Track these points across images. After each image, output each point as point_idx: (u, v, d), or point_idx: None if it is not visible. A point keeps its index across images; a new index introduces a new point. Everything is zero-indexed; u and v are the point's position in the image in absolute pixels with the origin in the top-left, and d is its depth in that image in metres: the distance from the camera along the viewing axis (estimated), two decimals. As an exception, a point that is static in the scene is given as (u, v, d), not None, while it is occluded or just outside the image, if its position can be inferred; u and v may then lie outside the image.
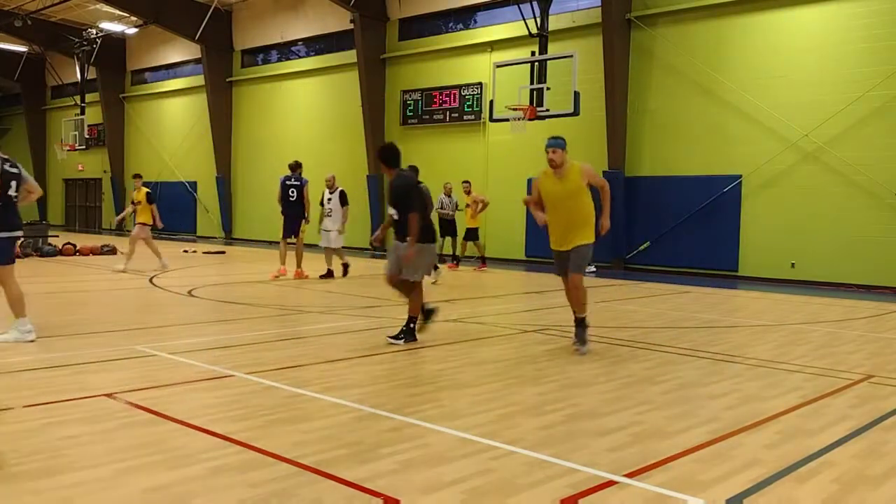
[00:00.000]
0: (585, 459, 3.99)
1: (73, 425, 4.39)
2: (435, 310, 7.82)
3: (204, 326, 8.55)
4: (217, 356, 6.58)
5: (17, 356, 6.32)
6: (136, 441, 4.13)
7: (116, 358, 6.35)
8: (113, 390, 5.19)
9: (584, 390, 5.63)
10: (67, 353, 6.53)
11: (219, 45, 26.45)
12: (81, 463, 3.77)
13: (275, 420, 4.63)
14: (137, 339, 7.28)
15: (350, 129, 22.95)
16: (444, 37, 21.25)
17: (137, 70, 31.38)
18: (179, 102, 29.55)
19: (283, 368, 6.13)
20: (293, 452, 3.97)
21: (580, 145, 18.33)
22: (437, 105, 21.04)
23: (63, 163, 33.73)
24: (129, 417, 4.61)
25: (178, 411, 4.71)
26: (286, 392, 5.31)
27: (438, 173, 21.24)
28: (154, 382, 5.54)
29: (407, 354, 6.95)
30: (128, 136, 31.88)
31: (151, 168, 30.51)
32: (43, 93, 36.36)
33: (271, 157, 25.77)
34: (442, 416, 4.79)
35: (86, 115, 30.81)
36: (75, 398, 5.01)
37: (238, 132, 27.11)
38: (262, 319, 8.95)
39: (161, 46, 29.63)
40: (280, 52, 25.89)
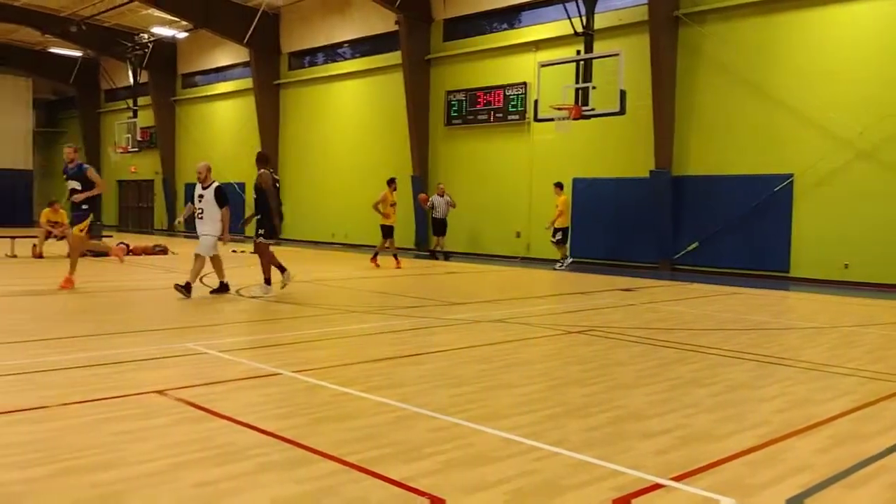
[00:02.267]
0: (631, 462, 3.95)
1: (125, 421, 4.51)
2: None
3: (252, 325, 8.69)
4: (264, 354, 6.68)
5: (71, 353, 6.51)
6: (187, 437, 4.22)
7: (168, 356, 6.50)
8: (164, 387, 5.31)
9: (629, 392, 5.58)
10: (121, 350, 6.70)
11: (266, 48, 26.83)
12: (134, 458, 3.87)
13: (320, 418, 4.68)
14: (188, 337, 7.43)
15: (395, 130, 23.08)
16: (488, 37, 21.22)
17: (188, 73, 32.00)
18: (228, 105, 30.05)
19: (329, 367, 6.19)
20: (338, 450, 4.01)
21: (626, 144, 18.16)
22: (481, 105, 21.03)
23: (116, 165, 34.57)
24: (179, 414, 4.71)
25: (227, 408, 4.80)
26: (331, 391, 5.37)
27: (482, 174, 21.25)
28: (204, 380, 5.65)
29: (451, 355, 6.97)
30: (178, 139, 32.53)
31: (200, 170, 31.11)
32: (97, 96, 37.32)
33: (318, 158, 26.06)
34: (486, 416, 4.79)
35: (138, 118, 31.53)
36: (128, 394, 5.14)
37: (285, 134, 27.47)
38: (308, 319, 9.06)
39: (210, 50, 30.17)
40: (326, 55, 26.15)
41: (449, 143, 22.09)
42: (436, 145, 22.36)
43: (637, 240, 18.09)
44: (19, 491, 3.38)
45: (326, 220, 25.67)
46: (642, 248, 18.00)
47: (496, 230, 20.82)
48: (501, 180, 20.65)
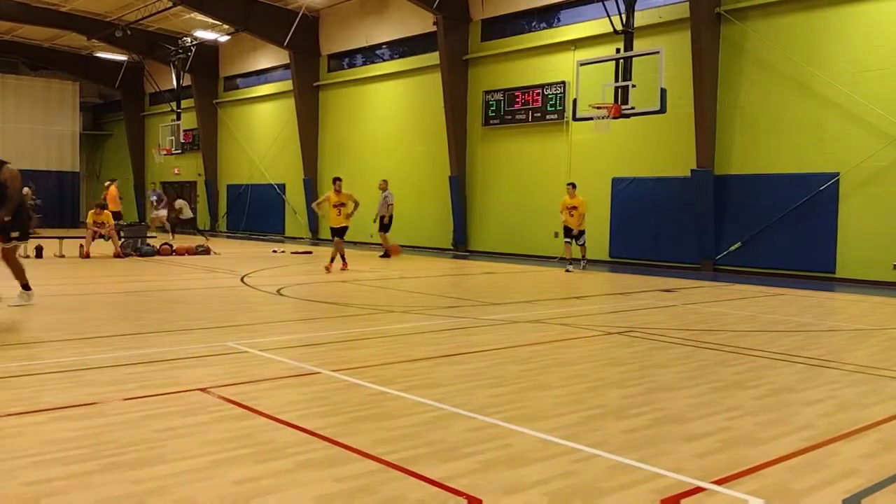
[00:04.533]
0: (672, 464, 3.90)
1: (168, 418, 4.58)
2: None
3: (292, 324, 8.78)
4: (304, 353, 6.74)
5: (116, 351, 6.64)
6: (228, 434, 4.28)
7: (210, 354, 6.59)
8: (206, 385, 5.39)
9: (670, 394, 5.51)
10: (164, 348, 6.82)
11: (306, 50, 27.09)
12: (176, 454, 3.93)
13: (359, 417, 4.71)
14: (229, 335, 7.53)
15: (433, 131, 23.12)
16: (526, 36, 21.15)
17: (229, 76, 32.46)
18: (269, 107, 30.40)
19: (367, 366, 6.22)
20: (377, 449, 4.03)
21: (667, 143, 17.94)
22: (519, 105, 20.96)
23: (160, 166, 35.21)
24: (221, 411, 4.78)
25: (268, 406, 4.85)
26: (370, 390, 5.40)
27: (520, 174, 21.18)
28: (245, 378, 5.72)
29: (489, 355, 6.95)
30: (220, 141, 33.01)
31: (242, 171, 31.50)
32: (141, 99, 38.06)
33: (356, 159, 26.22)
34: (524, 417, 4.77)
35: (181, 121, 32.07)
36: (171, 392, 5.23)
37: (324, 135, 27.70)
38: (347, 318, 9.12)
39: (252, 53, 30.55)
40: (365, 56, 26.31)
41: (487, 143, 22.07)
42: (473, 146, 22.35)
43: (678, 240, 17.86)
44: (65, 486, 3.46)
45: (365, 220, 25.81)
46: (683, 248, 17.76)
47: (534, 230, 20.73)
48: (539, 180, 20.56)
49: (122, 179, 37.29)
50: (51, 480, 3.51)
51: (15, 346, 6.90)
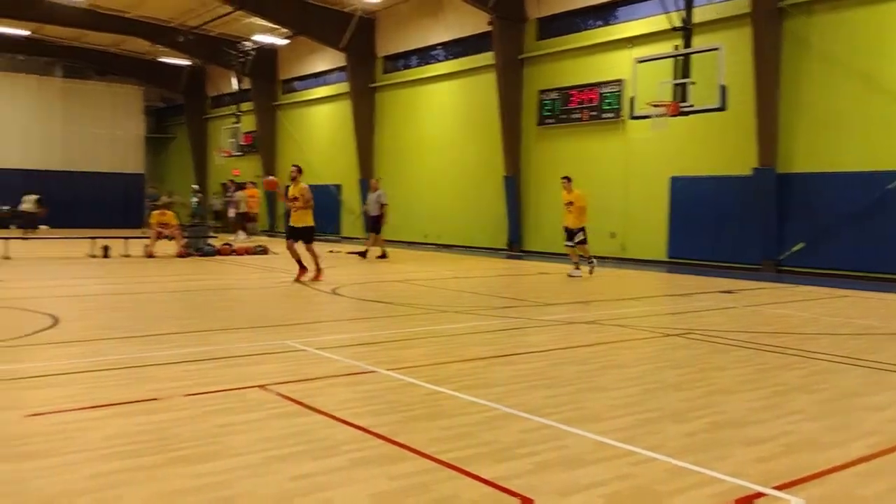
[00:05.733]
0: (731, 469, 3.81)
1: (228, 414, 4.68)
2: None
3: (348, 324, 8.87)
4: (359, 352, 6.81)
5: (178, 348, 6.81)
6: (285, 431, 4.35)
7: (268, 352, 6.71)
8: (265, 382, 5.48)
9: (730, 397, 5.39)
10: (224, 346, 6.97)
11: (362, 52, 27.35)
12: (235, 450, 4.01)
13: (414, 416, 4.73)
14: (287, 334, 7.65)
15: (487, 131, 23.09)
16: (582, 34, 20.95)
17: (287, 79, 32.98)
18: (326, 109, 30.79)
19: (421, 366, 6.25)
20: (431, 448, 4.04)
21: (728, 141, 17.55)
22: (574, 104, 20.77)
23: (220, 168, 35.97)
24: (278, 408, 4.85)
25: (324, 404, 4.91)
26: (424, 389, 5.42)
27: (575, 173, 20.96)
28: (302, 376, 5.80)
29: (544, 356, 6.91)
30: (279, 142, 33.57)
31: (300, 172, 31.96)
32: (203, 103, 38.95)
33: (411, 160, 26.36)
34: (579, 418, 4.72)
35: (241, 123, 32.72)
36: (231, 388, 5.34)
37: (380, 136, 27.92)
38: (402, 318, 9.17)
39: (309, 56, 30.98)
40: (420, 57, 26.43)
41: (542, 142, 21.94)
42: (528, 145, 22.25)
43: (738, 240, 17.45)
44: (128, 479, 3.56)
45: (420, 220, 25.92)
46: (744, 248, 17.34)
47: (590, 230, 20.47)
48: (595, 180, 20.33)
49: (185, 181, 38.27)
50: (114, 473, 3.62)
51: (80, 343, 7.13)
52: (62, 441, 4.11)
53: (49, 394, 5.22)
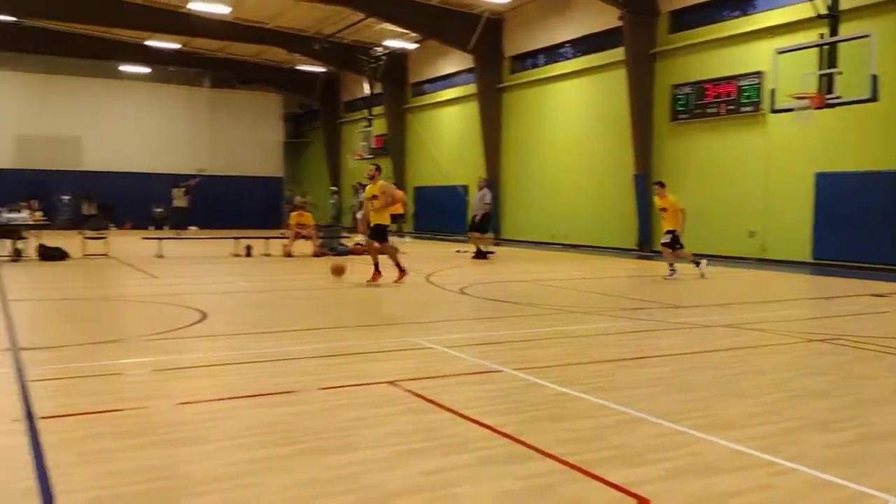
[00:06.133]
0: (883, 484, 3.55)
1: (359, 408, 4.83)
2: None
3: (474, 323, 8.94)
4: (486, 351, 6.84)
5: (313, 343, 7.09)
6: (414, 426, 4.44)
7: (397, 349, 6.87)
8: (394, 378, 5.61)
9: (881, 408, 5.02)
10: (356, 342, 7.19)
11: (490, 53, 27.47)
12: (366, 443, 4.13)
13: (540, 416, 4.71)
14: (416, 332, 7.80)
15: (616, 128, 22.61)
16: (718, 26, 20.11)
17: (417, 82, 33.61)
18: (453, 111, 31.15)
19: (548, 366, 6.20)
20: (557, 449, 4.00)
21: (878, 134, 16.34)
22: (710, 98, 19.97)
23: (352, 170, 37.14)
24: (407, 404, 4.96)
25: (451, 401, 4.97)
26: (551, 390, 5.38)
27: (711, 170, 20.19)
28: (430, 373, 5.90)
29: (677, 359, 6.69)
30: (408, 145, 34.28)
31: (428, 174, 32.49)
32: (337, 108, 40.36)
33: (538, 160, 26.21)
34: (714, 425, 4.54)
35: (372, 127, 33.64)
36: (362, 384, 5.50)
37: (506, 136, 27.94)
38: (529, 318, 9.14)
39: (438, 59, 31.44)
40: (547, 56, 26.23)
41: (674, 139, 21.24)
42: (660, 142, 21.60)
43: (891, 240, 16.21)
44: (268, 467, 3.74)
45: (547, 220, 25.74)
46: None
47: (727, 230, 19.67)
48: (733, 176, 19.48)
49: (320, 184, 39.79)
50: (254, 461, 3.81)
51: (225, 337, 7.57)
52: (208, 429, 4.37)
53: (197, 384, 5.57)
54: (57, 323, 8.74)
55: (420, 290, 12.13)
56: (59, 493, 3.33)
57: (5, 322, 8.13)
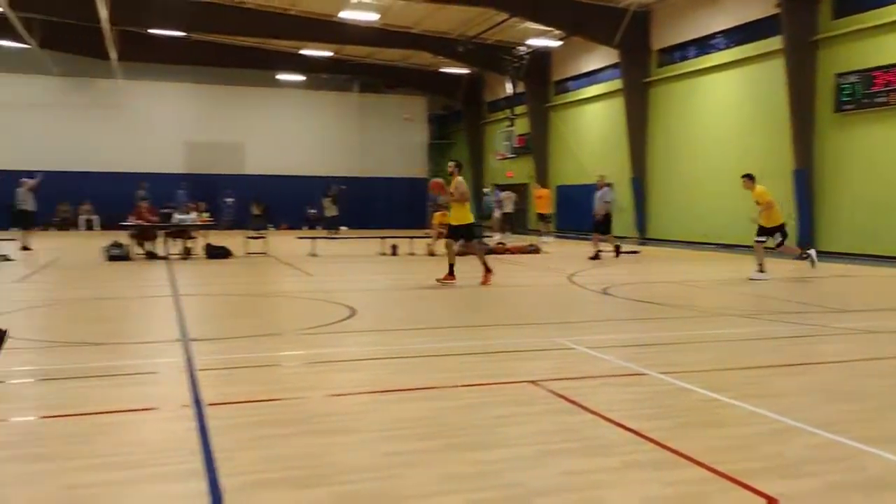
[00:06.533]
0: None
1: (501, 406, 4.87)
2: None
3: (619, 324, 8.76)
4: (631, 353, 6.69)
5: (456, 341, 7.20)
6: (556, 427, 4.42)
7: (540, 349, 6.85)
8: (536, 378, 5.60)
9: None
10: (498, 340, 7.24)
11: (636, 47, 26.77)
12: (509, 441, 4.16)
13: (688, 422, 4.55)
14: (558, 332, 7.75)
15: (772, 122, 21.40)
16: (890, 9, 18.58)
17: (560, 80, 33.31)
18: (597, 108, 30.62)
19: (697, 371, 5.98)
20: (707, 457, 3.86)
21: None
22: (879, 87, 18.48)
23: (495, 170, 37.37)
24: (550, 404, 4.95)
25: (594, 403, 4.91)
26: (700, 395, 5.19)
27: (881, 164, 18.68)
28: (573, 374, 5.85)
29: (841, 367, 6.27)
30: (551, 143, 34.04)
31: (571, 172, 32.12)
32: (480, 108, 40.72)
33: (687, 156, 25.28)
34: (881, 438, 4.21)
35: (515, 126, 33.68)
36: (504, 382, 5.54)
37: (653, 132, 27.14)
38: (677, 320, 8.85)
39: (581, 55, 31.02)
40: (698, 48, 25.24)
41: (839, 131, 19.83)
42: (823, 135, 20.23)
43: None
44: (413, 460, 3.85)
45: (697, 219, 24.77)
46: None
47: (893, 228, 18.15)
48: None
49: (463, 183, 40.27)
50: (401, 453, 3.94)
51: (373, 332, 7.85)
52: (357, 420, 4.56)
53: (347, 377, 5.81)
54: (221, 316, 9.39)
55: (562, 290, 12.04)
56: (222, 476, 3.58)
57: (176, 315, 8.82)
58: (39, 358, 6.63)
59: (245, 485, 3.49)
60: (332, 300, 10.13)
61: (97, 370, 5.89)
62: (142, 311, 9.86)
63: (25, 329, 8.32)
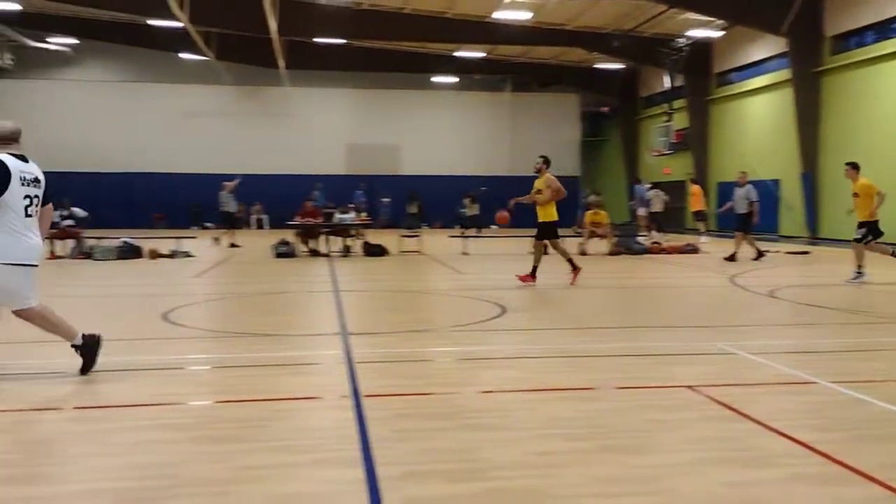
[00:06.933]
0: None
1: (658, 410, 4.73)
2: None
3: (785, 329, 8.27)
4: (799, 360, 6.30)
5: (611, 342, 7.07)
6: (715, 434, 4.24)
7: (698, 353, 6.59)
8: (694, 383, 5.40)
9: None
10: (654, 343, 7.04)
11: (806, 34, 25.06)
12: (665, 447, 4.05)
13: (862, 436, 4.23)
14: (718, 335, 7.42)
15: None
16: None
17: (721, 72, 31.83)
18: (762, 100, 28.99)
19: (875, 381, 5.54)
20: (882, 474, 3.57)
21: None
22: None
23: (650, 167, 36.27)
24: (708, 411, 4.75)
25: (757, 411, 4.66)
26: (877, 407, 4.80)
27: None
28: (733, 380, 5.59)
29: None
30: (711, 138, 32.62)
31: (732, 168, 30.59)
32: (635, 104, 39.67)
33: (864, 150, 23.37)
34: None
35: (673, 121, 32.54)
36: (660, 386, 5.38)
37: (826, 124, 25.33)
38: (851, 326, 8.23)
39: (745, 45, 29.48)
40: (878, 32, 23.28)
41: None
42: None
43: None
44: (567, 460, 3.83)
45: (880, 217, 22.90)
46: None
47: None
48: None
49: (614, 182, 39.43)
50: (554, 453, 3.92)
51: (524, 331, 7.86)
52: (509, 418, 4.59)
53: (499, 374, 5.86)
54: (377, 311, 9.75)
55: (724, 291, 11.52)
56: (378, 465, 3.72)
57: (336, 309, 9.25)
58: (214, 346, 7.18)
59: (400, 475, 3.61)
60: (483, 298, 10.24)
61: (265, 360, 6.29)
62: (305, 305, 10.43)
63: (201, 320, 9.04)
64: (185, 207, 32.97)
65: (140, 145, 33.93)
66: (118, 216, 30.16)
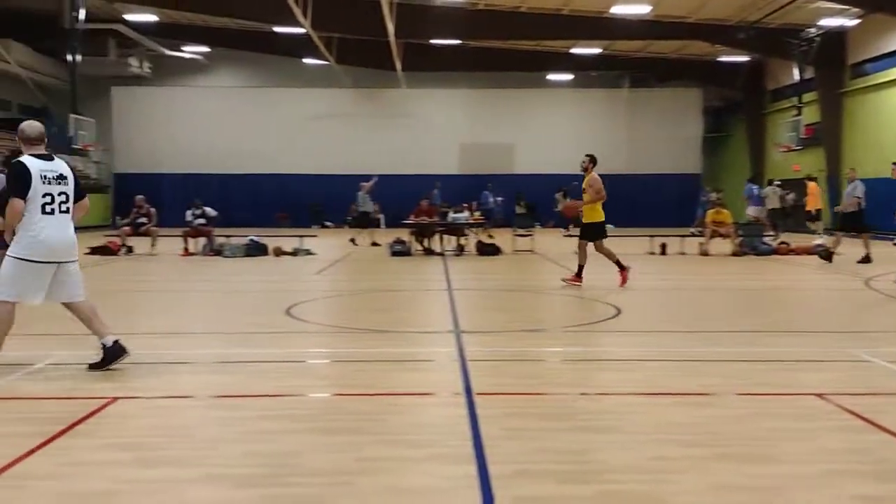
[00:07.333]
0: None
1: (781, 419, 4.52)
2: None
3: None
4: (942, 370, 5.86)
5: (730, 346, 6.80)
6: (844, 445, 4.02)
7: (829, 359, 6.24)
8: (823, 391, 5.11)
9: None
10: (778, 348, 6.72)
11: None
12: (789, 457, 3.87)
13: None
14: (852, 342, 7.00)
15: None
16: None
17: (857, 63, 29.95)
18: (903, 91, 27.10)
19: None
20: None
21: None
22: None
23: (777, 164, 34.59)
24: (838, 420, 4.50)
25: (892, 422, 4.37)
26: None
27: None
28: (868, 389, 5.27)
29: None
30: (845, 133, 30.75)
31: (869, 164, 28.75)
32: (762, 98, 37.92)
33: None
34: None
35: (802, 115, 30.90)
36: (784, 393, 5.14)
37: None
38: None
39: (884, 33, 27.59)
40: None
41: None
42: None
43: None
44: (682, 466, 3.72)
45: None
46: None
47: None
48: None
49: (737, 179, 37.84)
50: (671, 458, 3.82)
51: (639, 333, 7.68)
52: (624, 421, 4.51)
53: (612, 376, 5.77)
54: (489, 310, 9.78)
55: (857, 295, 10.85)
56: (490, 463, 3.74)
57: (450, 307, 9.35)
58: (332, 341, 7.43)
59: (512, 473, 3.61)
60: (598, 299, 10.08)
61: (381, 355, 6.45)
62: (419, 302, 10.60)
63: (321, 315, 9.35)
64: (307, 207, 34.17)
65: (265, 148, 35.45)
66: (246, 215, 31.65)
